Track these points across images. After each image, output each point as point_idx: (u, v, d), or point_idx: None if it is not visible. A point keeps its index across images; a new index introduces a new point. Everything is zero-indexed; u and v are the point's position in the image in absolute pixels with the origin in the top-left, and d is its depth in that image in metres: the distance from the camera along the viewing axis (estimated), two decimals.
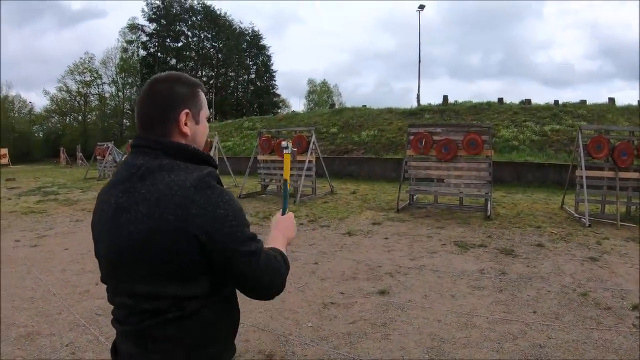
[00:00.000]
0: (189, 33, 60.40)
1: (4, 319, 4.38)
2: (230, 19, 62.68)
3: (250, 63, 65.35)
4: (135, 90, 55.78)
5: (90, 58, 56.61)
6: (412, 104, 35.67)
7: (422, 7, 35.39)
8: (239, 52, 62.26)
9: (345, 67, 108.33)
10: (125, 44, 57.21)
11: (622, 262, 5.98)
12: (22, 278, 5.75)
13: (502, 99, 23.61)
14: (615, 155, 8.79)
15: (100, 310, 4.47)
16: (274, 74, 66.38)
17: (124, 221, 1.18)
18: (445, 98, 25.31)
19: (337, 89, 70.46)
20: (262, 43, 64.94)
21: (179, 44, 59.58)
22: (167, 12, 57.16)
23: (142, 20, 57.18)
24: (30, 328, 4.18)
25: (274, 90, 66.48)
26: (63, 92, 57.38)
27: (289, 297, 4.80)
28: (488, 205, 9.56)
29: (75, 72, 56.33)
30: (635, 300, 4.56)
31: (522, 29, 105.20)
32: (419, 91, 33.62)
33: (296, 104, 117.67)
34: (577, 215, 9.01)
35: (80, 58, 57.16)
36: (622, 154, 8.74)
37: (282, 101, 67.60)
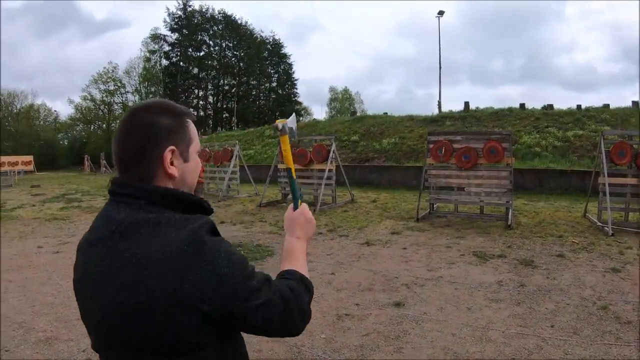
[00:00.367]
0: (211, 42, 61.17)
1: (25, 324, 4.55)
2: (251, 28, 63.54)
3: (272, 71, 65.83)
4: (158, 99, 56.53)
5: (114, 68, 57.75)
6: (433, 110, 35.63)
7: (441, 12, 35.28)
8: (260, 60, 62.88)
9: (367, 73, 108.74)
10: (148, 54, 58.30)
11: None
12: (43, 284, 5.93)
13: (524, 104, 23.40)
14: (639, 162, 8.62)
15: None
16: (296, 82, 66.84)
17: (108, 292, 0.99)
18: (467, 104, 25.15)
19: (359, 96, 70.65)
20: (283, 51, 65.45)
21: (201, 53, 60.37)
22: (188, 22, 58.02)
23: (164, 30, 58.37)
24: (49, 333, 4.33)
25: (296, 98, 66.78)
26: (87, 101, 58.58)
27: None
28: (509, 214, 9.44)
29: (99, 82, 57.48)
30: None
31: (544, 31, 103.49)
32: (440, 98, 33.66)
33: (318, 112, 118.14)
34: (599, 223, 8.84)
35: (104, 67, 58.29)
36: None
37: (304, 109, 67.82)
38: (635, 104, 21.29)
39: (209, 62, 61.26)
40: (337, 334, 4.22)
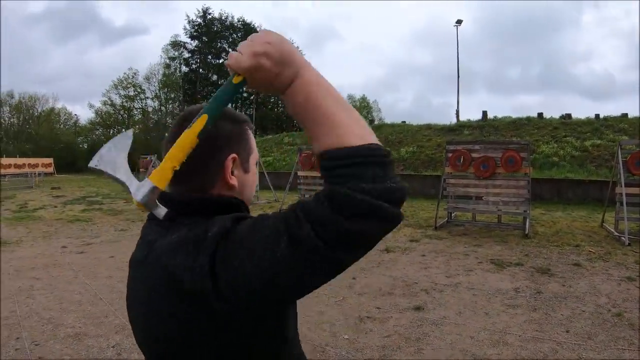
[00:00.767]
0: (230, 50, 61.57)
1: (53, 320, 4.81)
2: None
3: None
4: (177, 105, 57.35)
5: (134, 74, 58.52)
6: (451, 119, 35.60)
7: (459, 21, 35.36)
8: None
9: (384, 81, 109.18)
10: (167, 60, 59.16)
11: None
12: (69, 282, 6.25)
13: (542, 113, 23.42)
14: None
15: None
16: None
17: (152, 324, 0.91)
18: (485, 113, 25.24)
19: (377, 105, 70.82)
20: None
21: (220, 61, 61.03)
22: (208, 30, 58.86)
23: (184, 38, 59.23)
24: (78, 329, 4.56)
25: None
26: (107, 106, 59.47)
27: (327, 310, 5.06)
28: (526, 224, 9.56)
29: (119, 87, 58.28)
30: None
31: (561, 40, 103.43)
32: (458, 107, 33.58)
33: None
34: (616, 233, 8.92)
35: (124, 73, 59.25)
36: None
37: None
38: None
39: (228, 69, 61.81)
40: (360, 335, 4.44)
